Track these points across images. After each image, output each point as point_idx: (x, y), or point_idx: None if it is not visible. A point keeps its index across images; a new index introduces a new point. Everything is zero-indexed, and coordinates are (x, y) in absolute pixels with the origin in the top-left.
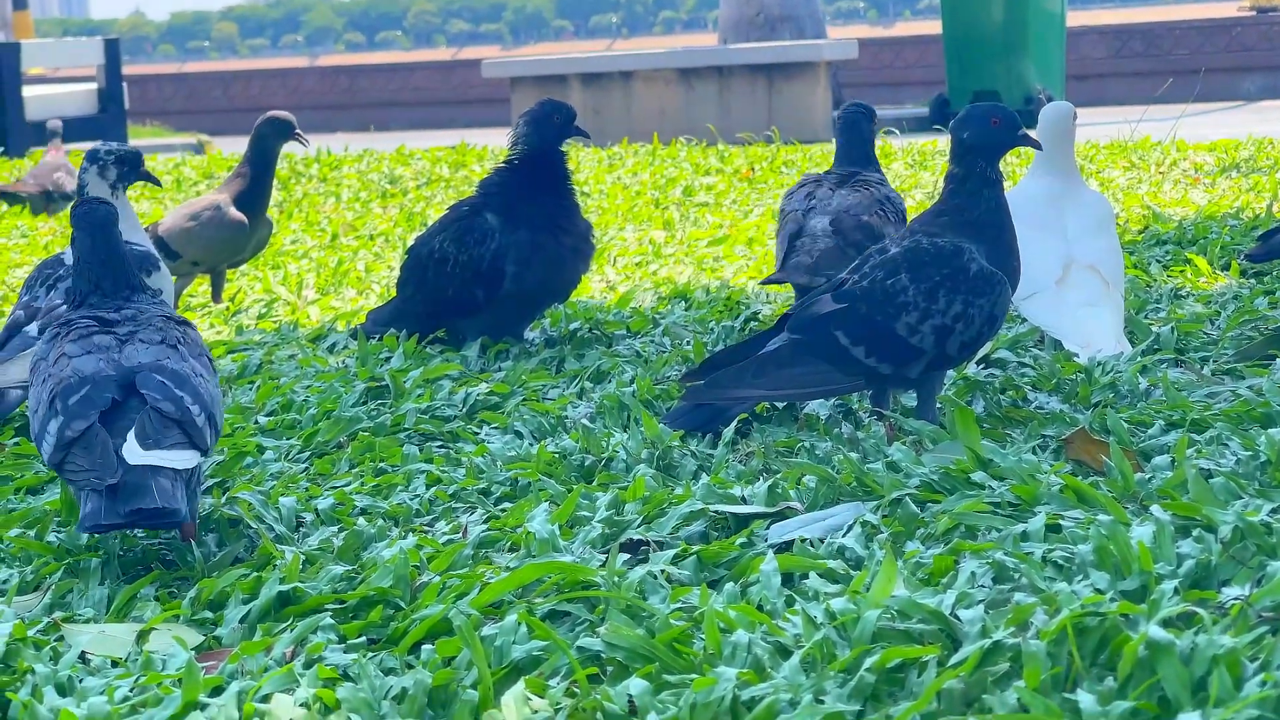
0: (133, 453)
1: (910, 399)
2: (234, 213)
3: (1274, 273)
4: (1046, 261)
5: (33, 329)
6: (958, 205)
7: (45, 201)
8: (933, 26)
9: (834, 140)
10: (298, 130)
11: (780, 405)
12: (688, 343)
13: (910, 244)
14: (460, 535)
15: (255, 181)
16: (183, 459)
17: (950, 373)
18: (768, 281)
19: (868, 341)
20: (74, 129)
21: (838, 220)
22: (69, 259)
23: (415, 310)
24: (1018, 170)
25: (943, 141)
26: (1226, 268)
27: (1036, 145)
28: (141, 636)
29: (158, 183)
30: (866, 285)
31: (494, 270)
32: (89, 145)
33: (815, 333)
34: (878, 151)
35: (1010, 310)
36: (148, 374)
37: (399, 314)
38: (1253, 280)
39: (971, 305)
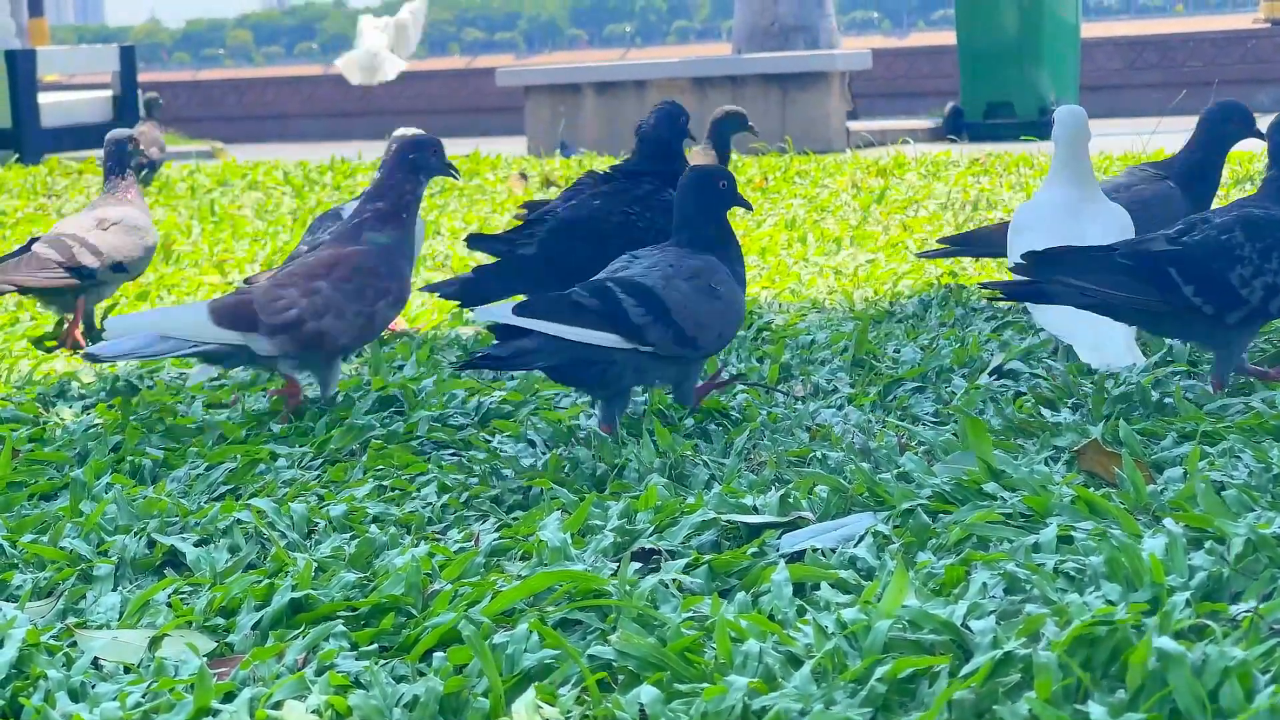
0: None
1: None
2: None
3: None
4: None
5: None
6: (1270, 195)
7: (146, 170)
8: (947, 37)
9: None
10: (750, 122)
11: (1089, 311)
12: None
13: (1241, 213)
14: (472, 543)
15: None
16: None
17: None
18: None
19: (1198, 282)
20: (88, 136)
21: None
22: (345, 212)
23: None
24: (1031, 182)
25: (956, 151)
26: None
27: None
28: (154, 643)
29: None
30: (1200, 238)
31: None
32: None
33: (1146, 262)
34: (891, 161)
35: (1027, 320)
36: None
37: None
38: None
39: None
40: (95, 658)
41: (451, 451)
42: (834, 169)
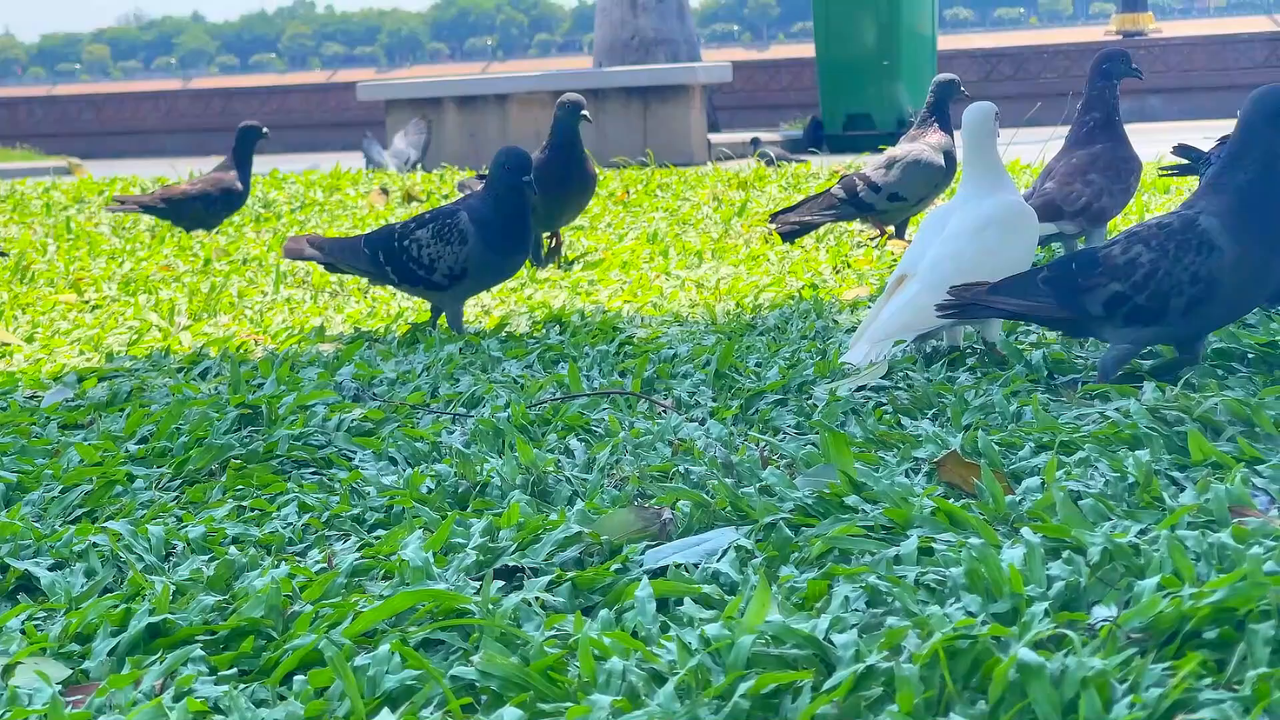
0: None
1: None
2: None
3: None
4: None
5: None
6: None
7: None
8: (806, 50)
9: None
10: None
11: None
12: (562, 366)
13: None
14: (328, 565)
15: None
16: None
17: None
18: None
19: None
20: None
21: None
22: None
23: None
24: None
25: (816, 163)
26: None
27: None
28: (7, 671)
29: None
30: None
31: None
32: None
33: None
34: (752, 174)
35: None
36: None
37: None
38: None
39: None
40: None
41: (312, 470)
42: (695, 182)
